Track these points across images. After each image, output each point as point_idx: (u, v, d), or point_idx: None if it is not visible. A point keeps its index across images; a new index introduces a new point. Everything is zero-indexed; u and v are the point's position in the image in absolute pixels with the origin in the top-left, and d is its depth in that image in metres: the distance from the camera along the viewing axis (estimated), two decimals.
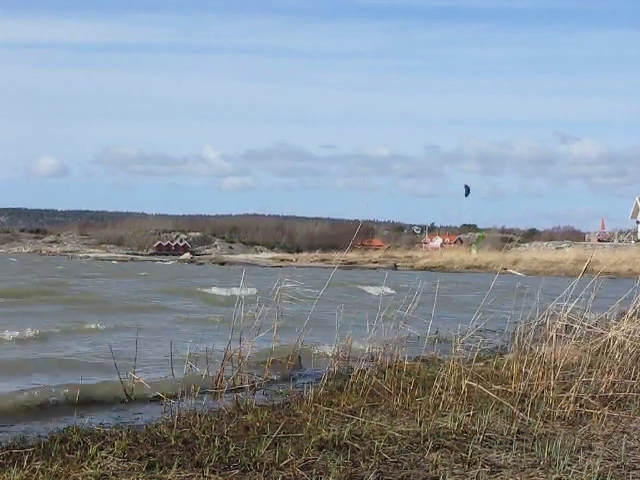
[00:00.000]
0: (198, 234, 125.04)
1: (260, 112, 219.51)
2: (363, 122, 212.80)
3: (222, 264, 70.89)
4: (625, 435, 6.02)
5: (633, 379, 7.53)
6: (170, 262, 75.95)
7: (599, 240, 77.38)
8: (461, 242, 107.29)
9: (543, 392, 7.09)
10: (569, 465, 5.08)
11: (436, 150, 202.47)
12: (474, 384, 7.12)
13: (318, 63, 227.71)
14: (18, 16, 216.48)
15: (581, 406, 6.76)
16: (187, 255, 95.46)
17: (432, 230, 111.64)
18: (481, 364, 8.69)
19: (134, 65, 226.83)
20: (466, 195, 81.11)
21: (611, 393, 7.18)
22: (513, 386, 7.30)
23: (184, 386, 7.20)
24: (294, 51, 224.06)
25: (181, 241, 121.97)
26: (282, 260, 77.72)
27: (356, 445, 5.40)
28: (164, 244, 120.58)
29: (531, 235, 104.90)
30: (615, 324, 8.62)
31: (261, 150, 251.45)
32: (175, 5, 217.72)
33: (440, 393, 6.99)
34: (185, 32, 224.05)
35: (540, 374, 7.41)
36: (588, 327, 8.52)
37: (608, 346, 8.14)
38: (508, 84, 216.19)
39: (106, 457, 4.99)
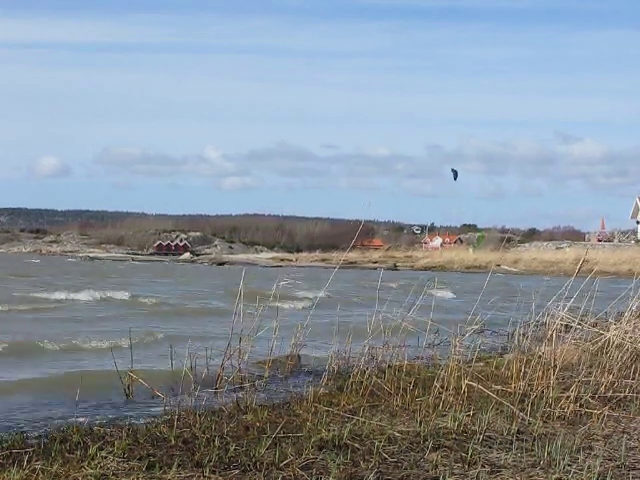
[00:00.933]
0: (198, 234, 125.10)
1: (260, 112, 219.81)
2: (364, 122, 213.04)
3: (222, 264, 70.87)
4: (625, 435, 6.02)
5: (632, 379, 7.53)
6: (187, 263, 76.69)
7: (599, 240, 77.38)
8: (461, 242, 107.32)
9: (543, 392, 7.09)
10: (569, 465, 5.08)
11: (437, 150, 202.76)
12: (474, 384, 7.12)
13: (318, 63, 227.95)
14: (18, 16, 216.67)
15: (581, 406, 6.76)
16: (187, 255, 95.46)
17: (432, 230, 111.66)
18: (481, 364, 8.68)
19: (134, 65, 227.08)
20: (455, 179, 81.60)
21: (611, 393, 7.18)
22: (513, 386, 7.30)
23: (184, 385, 7.20)
24: (294, 51, 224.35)
25: (181, 241, 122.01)
26: (282, 260, 77.68)
27: (356, 445, 5.40)
28: (164, 244, 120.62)
29: (531, 235, 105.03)
30: (614, 324, 8.63)
31: (262, 150, 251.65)
32: (175, 5, 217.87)
33: (440, 393, 6.99)
34: (185, 32, 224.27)
35: (540, 374, 7.41)
36: (587, 327, 8.53)
37: (607, 346, 8.15)
38: (508, 84, 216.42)
39: (106, 457, 4.99)
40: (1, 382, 8.40)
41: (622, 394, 7.19)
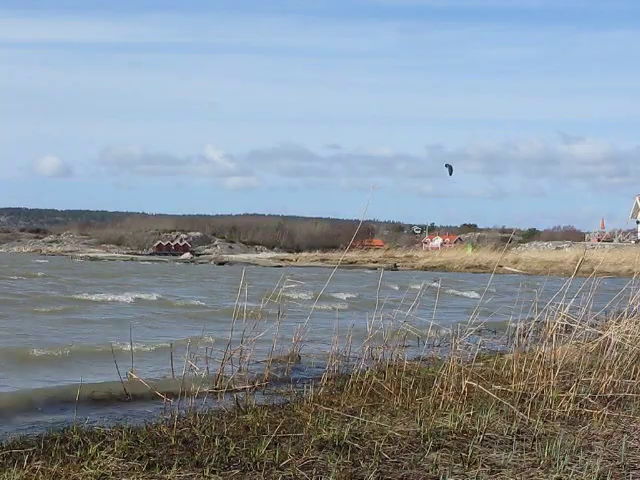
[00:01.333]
0: (198, 234, 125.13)
1: (262, 112, 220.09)
2: (365, 122, 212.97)
3: (222, 264, 70.85)
4: (625, 435, 6.01)
5: (633, 379, 7.53)
6: (188, 263, 76.49)
7: (599, 240, 77.35)
8: (461, 242, 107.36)
9: (543, 392, 7.09)
10: (569, 465, 5.08)
11: (439, 150, 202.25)
12: (474, 384, 7.12)
13: (322, 63, 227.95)
14: (18, 16, 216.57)
15: (581, 406, 6.76)
16: (187, 255, 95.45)
17: (432, 230, 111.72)
18: (481, 364, 8.68)
19: (135, 65, 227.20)
20: (450, 174, 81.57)
21: (611, 393, 7.18)
22: (513, 386, 7.29)
23: (184, 386, 7.20)
24: (298, 51, 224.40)
25: (181, 241, 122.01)
26: (282, 260, 77.65)
27: (356, 445, 5.40)
28: (164, 244, 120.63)
29: (531, 235, 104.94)
30: (614, 324, 8.62)
31: (264, 150, 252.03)
32: (180, 5, 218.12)
33: (440, 393, 6.99)
34: (190, 32, 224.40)
35: (540, 374, 7.41)
36: (587, 327, 8.52)
37: (607, 346, 8.14)
38: (510, 84, 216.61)
39: (106, 457, 4.99)
40: (3, 386, 8.39)
41: (622, 394, 7.19)
